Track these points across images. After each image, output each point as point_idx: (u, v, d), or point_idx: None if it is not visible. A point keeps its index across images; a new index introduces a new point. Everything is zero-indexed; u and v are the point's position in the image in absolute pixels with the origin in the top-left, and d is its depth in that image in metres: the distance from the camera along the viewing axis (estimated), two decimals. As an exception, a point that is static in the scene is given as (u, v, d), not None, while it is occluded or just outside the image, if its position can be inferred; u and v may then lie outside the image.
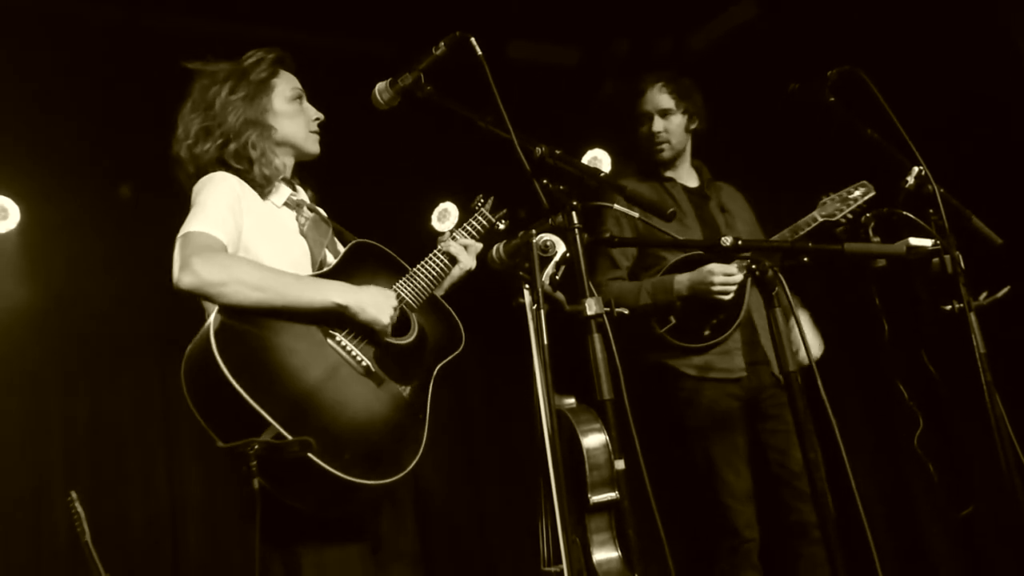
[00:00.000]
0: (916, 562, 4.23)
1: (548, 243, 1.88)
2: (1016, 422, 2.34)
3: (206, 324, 1.91)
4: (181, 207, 2.61)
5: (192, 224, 2.00)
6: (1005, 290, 2.47)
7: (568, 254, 1.85)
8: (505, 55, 4.36)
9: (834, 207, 2.80)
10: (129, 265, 4.22)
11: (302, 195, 2.28)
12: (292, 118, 2.25)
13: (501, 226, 2.44)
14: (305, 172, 2.39)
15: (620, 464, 1.81)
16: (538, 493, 2.33)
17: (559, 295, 1.88)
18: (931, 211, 2.48)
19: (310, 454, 1.80)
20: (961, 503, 4.04)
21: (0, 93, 3.74)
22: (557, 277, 1.88)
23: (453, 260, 2.29)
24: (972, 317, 2.34)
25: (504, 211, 2.47)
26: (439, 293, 2.32)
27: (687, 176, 3.19)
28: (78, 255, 4.25)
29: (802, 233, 2.83)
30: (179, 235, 2.00)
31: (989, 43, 3.71)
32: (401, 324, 2.13)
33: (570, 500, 1.79)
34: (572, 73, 4.67)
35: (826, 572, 2.15)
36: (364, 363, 2.03)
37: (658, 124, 3.09)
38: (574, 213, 1.84)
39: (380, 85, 2.16)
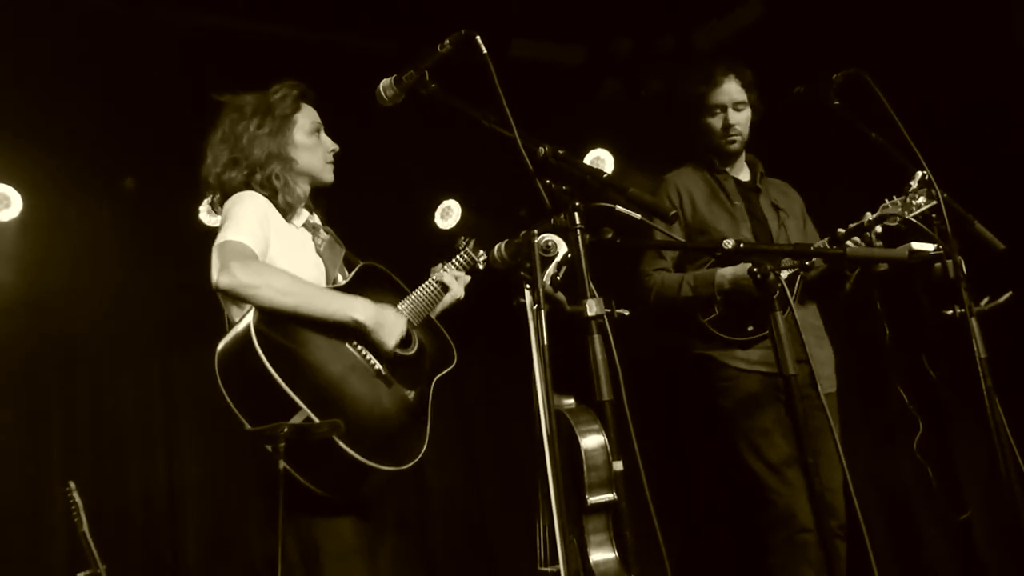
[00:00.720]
0: (914, 566, 4.23)
1: (550, 243, 1.88)
2: (1016, 427, 2.34)
3: (244, 321, 2.11)
4: (182, 201, 2.64)
5: (228, 234, 2.21)
6: (1007, 296, 2.46)
7: (570, 254, 1.84)
8: (509, 54, 4.35)
9: (895, 211, 2.73)
10: (131, 254, 4.22)
11: (316, 219, 2.50)
12: (311, 150, 2.44)
13: (481, 266, 2.70)
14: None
15: (618, 465, 1.81)
16: (536, 493, 2.33)
17: (560, 295, 1.87)
18: (934, 215, 2.48)
19: (335, 436, 2.00)
20: (960, 507, 4.04)
21: (2, 82, 3.74)
22: (558, 277, 1.88)
23: (445, 288, 2.52)
24: (973, 322, 2.33)
25: (484, 253, 2.72)
26: (432, 315, 2.54)
27: (740, 169, 3.18)
28: (80, 244, 4.24)
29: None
30: (216, 243, 2.20)
31: (994, 47, 3.70)
32: (406, 338, 2.34)
33: (568, 501, 1.80)
34: (576, 72, 4.66)
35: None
36: (376, 366, 2.25)
37: (733, 117, 3.05)
38: (576, 213, 1.83)
39: (384, 82, 2.17)
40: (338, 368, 2.16)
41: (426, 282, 2.50)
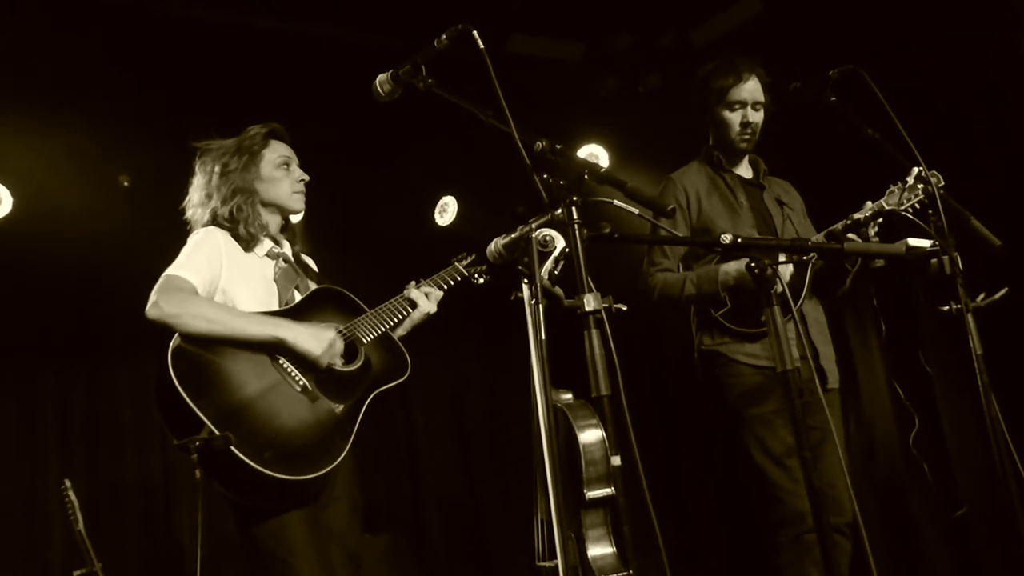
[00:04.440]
0: (910, 562, 4.24)
1: (547, 238, 1.87)
2: (1012, 423, 2.34)
3: (168, 347, 2.31)
4: (177, 197, 2.68)
5: (171, 269, 2.46)
6: (1003, 292, 2.47)
7: (567, 249, 1.84)
8: (506, 49, 4.35)
9: (902, 196, 2.72)
10: (124, 252, 4.20)
11: (285, 248, 2.70)
12: (277, 182, 2.66)
13: (481, 280, 2.85)
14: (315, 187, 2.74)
15: (616, 460, 1.81)
16: (534, 488, 2.33)
17: (558, 290, 1.87)
18: (930, 212, 2.48)
19: (232, 447, 2.18)
20: (955, 503, 4.05)
21: (-3, 79, 3.72)
22: (556, 272, 1.88)
23: (413, 305, 2.69)
24: (970, 318, 2.34)
25: (484, 267, 2.85)
26: (400, 332, 2.73)
27: (744, 167, 3.16)
28: (73, 242, 4.22)
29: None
30: (162, 274, 2.44)
31: (992, 44, 3.71)
32: (351, 354, 2.53)
33: (566, 496, 1.80)
34: (573, 68, 4.66)
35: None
36: (302, 382, 2.42)
37: (751, 115, 3.01)
38: (573, 208, 1.82)
39: (381, 77, 2.17)
40: (256, 386, 2.34)
41: (393, 299, 2.68)
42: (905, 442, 3.51)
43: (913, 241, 2.44)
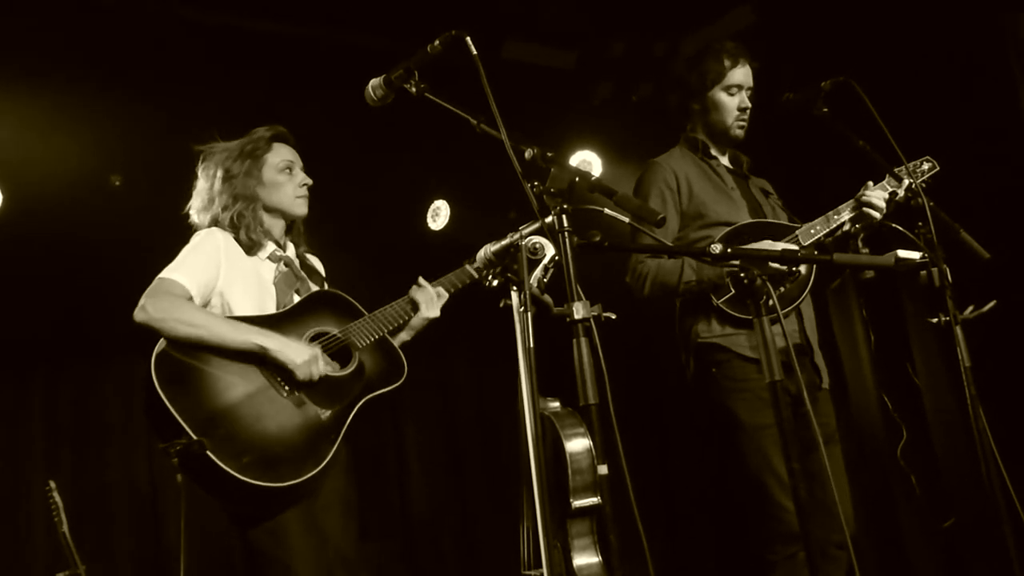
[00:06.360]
0: (898, 572, 4.25)
1: (537, 246, 1.88)
2: (999, 434, 2.35)
3: (154, 350, 2.32)
4: (169, 197, 2.66)
5: (166, 271, 2.45)
6: (991, 304, 2.47)
7: (557, 257, 1.84)
8: (500, 56, 4.36)
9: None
10: (115, 252, 4.19)
11: (289, 251, 2.69)
12: (279, 187, 2.64)
13: (495, 283, 2.70)
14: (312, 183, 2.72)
15: (603, 469, 1.80)
16: (521, 496, 2.33)
17: (547, 298, 1.87)
18: (920, 224, 2.49)
19: (208, 452, 2.18)
20: (943, 514, 4.05)
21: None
22: (545, 280, 1.88)
23: (416, 306, 2.63)
24: (958, 330, 2.34)
25: (498, 269, 2.70)
26: (404, 336, 2.68)
27: (725, 161, 3.03)
28: (64, 240, 4.20)
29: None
30: (156, 277, 2.43)
31: (983, 56, 3.73)
32: (344, 358, 2.50)
33: (552, 504, 1.80)
34: (567, 76, 4.67)
35: None
36: (286, 387, 2.39)
37: (746, 101, 2.90)
38: (564, 216, 1.82)
39: (374, 81, 2.17)
40: (240, 391, 2.33)
41: (394, 302, 2.63)
42: (893, 453, 3.51)
43: (902, 253, 2.44)
